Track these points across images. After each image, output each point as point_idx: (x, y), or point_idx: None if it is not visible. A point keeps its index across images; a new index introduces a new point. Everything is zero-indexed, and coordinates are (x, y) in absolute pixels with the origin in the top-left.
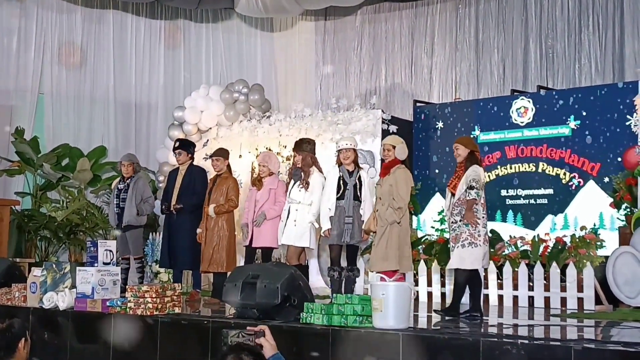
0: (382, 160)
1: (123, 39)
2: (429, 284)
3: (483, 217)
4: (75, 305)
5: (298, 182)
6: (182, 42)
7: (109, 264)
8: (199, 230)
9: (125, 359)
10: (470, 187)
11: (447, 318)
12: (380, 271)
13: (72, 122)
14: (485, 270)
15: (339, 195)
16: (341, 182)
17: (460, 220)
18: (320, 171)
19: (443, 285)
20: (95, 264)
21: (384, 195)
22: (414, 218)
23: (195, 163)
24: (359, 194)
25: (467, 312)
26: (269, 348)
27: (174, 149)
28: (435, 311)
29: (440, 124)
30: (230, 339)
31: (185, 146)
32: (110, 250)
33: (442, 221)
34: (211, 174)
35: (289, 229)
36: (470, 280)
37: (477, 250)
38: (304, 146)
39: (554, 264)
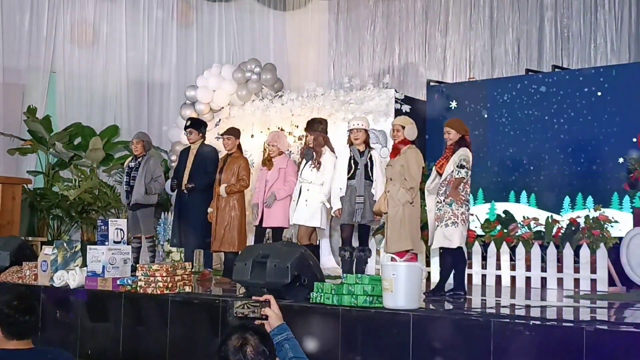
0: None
1: (135, 17)
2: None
3: (466, 198)
4: (86, 284)
5: (310, 162)
6: (195, 20)
7: (119, 242)
8: (210, 210)
9: (135, 338)
10: (461, 166)
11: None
12: (396, 252)
13: (85, 100)
14: (498, 250)
15: (349, 175)
16: (352, 161)
17: (444, 200)
18: (333, 151)
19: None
20: (106, 243)
21: (395, 175)
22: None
23: (206, 142)
24: (370, 173)
25: (451, 291)
26: (274, 318)
27: (185, 127)
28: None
29: (454, 104)
30: (236, 309)
31: (197, 125)
32: (121, 229)
33: None
34: (222, 153)
35: (300, 209)
36: (455, 259)
37: (459, 229)
38: (316, 126)
39: (568, 245)
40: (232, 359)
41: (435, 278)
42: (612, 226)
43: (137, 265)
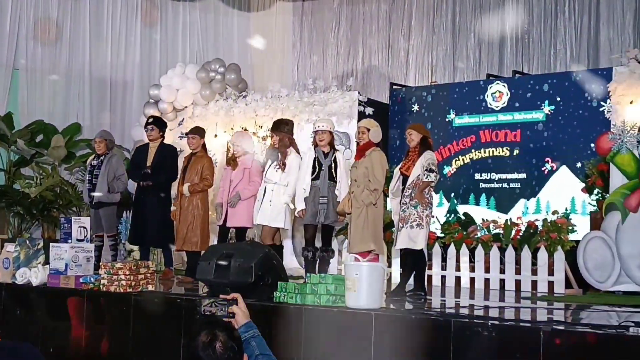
0: (357, 143)
1: (99, 15)
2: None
3: (430, 201)
4: (49, 282)
5: (275, 163)
6: (159, 19)
7: (82, 240)
8: (173, 208)
9: (98, 336)
10: (430, 170)
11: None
12: (359, 252)
13: (47, 98)
14: (458, 252)
15: (314, 175)
16: (316, 163)
17: (409, 202)
18: (298, 152)
19: None
20: (69, 241)
21: (360, 177)
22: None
23: (167, 142)
24: (334, 174)
25: (411, 292)
26: (241, 316)
27: (147, 124)
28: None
29: (416, 107)
30: (204, 307)
31: (158, 123)
32: (84, 227)
33: None
34: (185, 152)
35: (265, 209)
36: (416, 260)
37: (423, 231)
38: (282, 127)
39: (526, 247)
40: (202, 355)
41: (396, 279)
42: (570, 229)
43: (100, 263)
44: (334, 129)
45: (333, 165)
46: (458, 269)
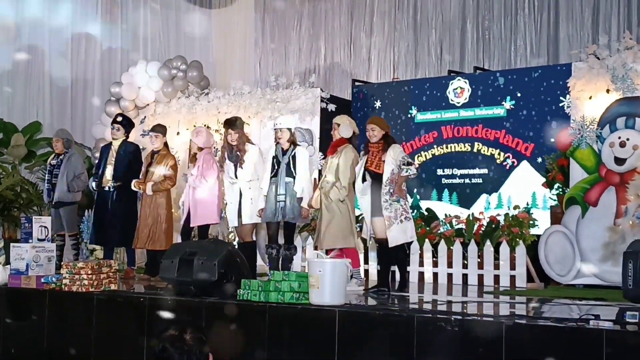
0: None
1: (59, 12)
2: (366, 261)
3: (407, 192)
4: (9, 282)
5: (237, 164)
6: (120, 16)
7: (43, 240)
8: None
9: (59, 336)
10: (408, 164)
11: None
12: (328, 248)
13: (6, 96)
14: (421, 247)
15: (272, 173)
16: (275, 161)
17: (390, 198)
18: (251, 142)
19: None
20: (30, 240)
21: (330, 173)
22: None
23: (130, 140)
24: (293, 171)
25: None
26: None
27: (115, 122)
28: (367, 290)
29: (378, 104)
30: None
31: (126, 124)
32: (45, 227)
33: None
34: (147, 150)
35: (246, 208)
36: (401, 254)
37: (410, 222)
38: (238, 123)
39: (488, 242)
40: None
41: (373, 275)
42: (531, 223)
43: (62, 263)
44: (293, 127)
45: (291, 161)
46: (421, 264)
